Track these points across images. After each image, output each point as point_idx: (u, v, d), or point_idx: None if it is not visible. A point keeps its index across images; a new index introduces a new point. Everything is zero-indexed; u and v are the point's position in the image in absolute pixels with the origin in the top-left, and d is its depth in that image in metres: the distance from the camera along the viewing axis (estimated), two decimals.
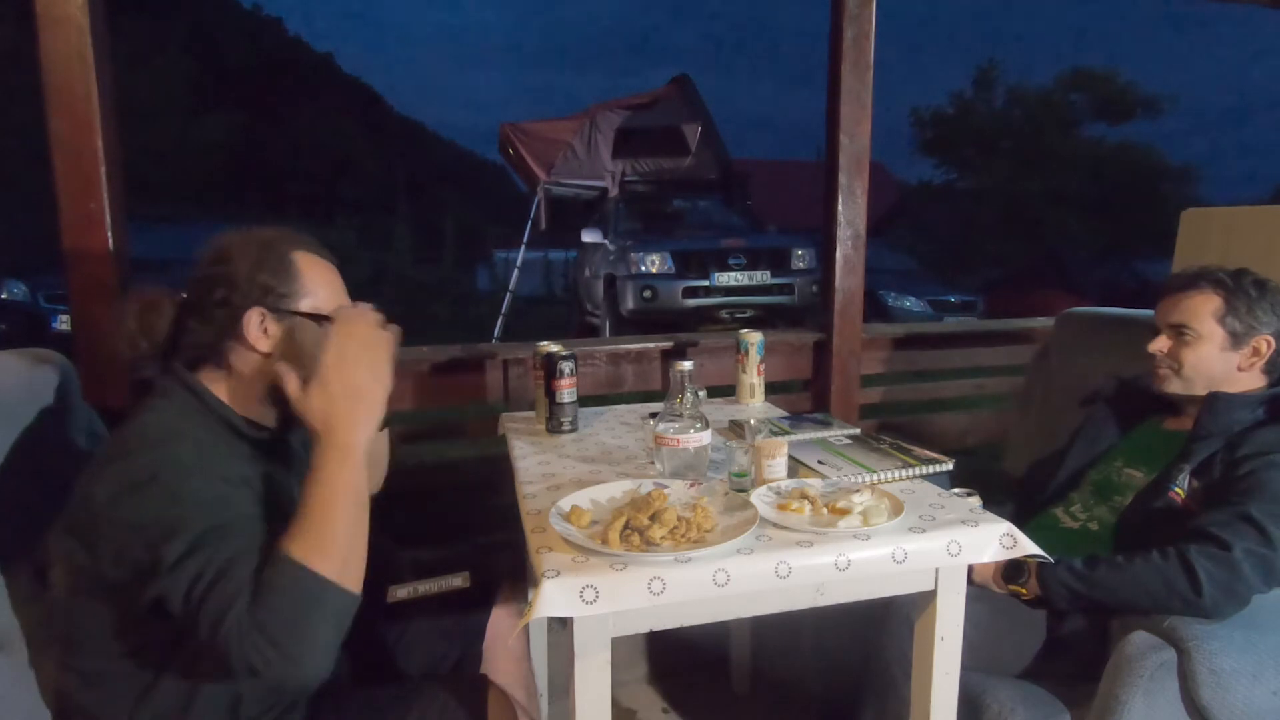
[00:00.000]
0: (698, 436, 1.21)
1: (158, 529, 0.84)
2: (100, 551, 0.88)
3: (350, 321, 0.97)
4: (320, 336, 1.00)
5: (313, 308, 1.02)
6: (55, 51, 1.42)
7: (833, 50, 2.01)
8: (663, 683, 1.98)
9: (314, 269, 1.04)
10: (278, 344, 1.00)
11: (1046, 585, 1.21)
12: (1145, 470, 1.36)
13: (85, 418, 1.26)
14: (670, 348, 2.10)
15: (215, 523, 0.85)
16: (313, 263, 1.04)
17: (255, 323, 0.99)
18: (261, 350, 1.00)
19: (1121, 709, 1.06)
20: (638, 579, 0.89)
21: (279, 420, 1.06)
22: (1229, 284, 1.32)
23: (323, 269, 1.06)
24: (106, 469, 0.89)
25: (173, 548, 0.83)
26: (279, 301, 1.00)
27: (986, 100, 18.34)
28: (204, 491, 0.88)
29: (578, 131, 8.15)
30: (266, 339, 1.00)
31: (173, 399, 0.98)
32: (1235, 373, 1.33)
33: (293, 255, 1.02)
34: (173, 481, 0.87)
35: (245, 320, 0.98)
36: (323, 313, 1.03)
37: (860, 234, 2.10)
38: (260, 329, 0.99)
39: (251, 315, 0.98)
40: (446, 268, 10.70)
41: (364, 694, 1.04)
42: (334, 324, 0.97)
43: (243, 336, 0.98)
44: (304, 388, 0.94)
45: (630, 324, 6.59)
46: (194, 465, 0.89)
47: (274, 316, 1.00)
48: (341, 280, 1.08)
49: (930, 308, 8.52)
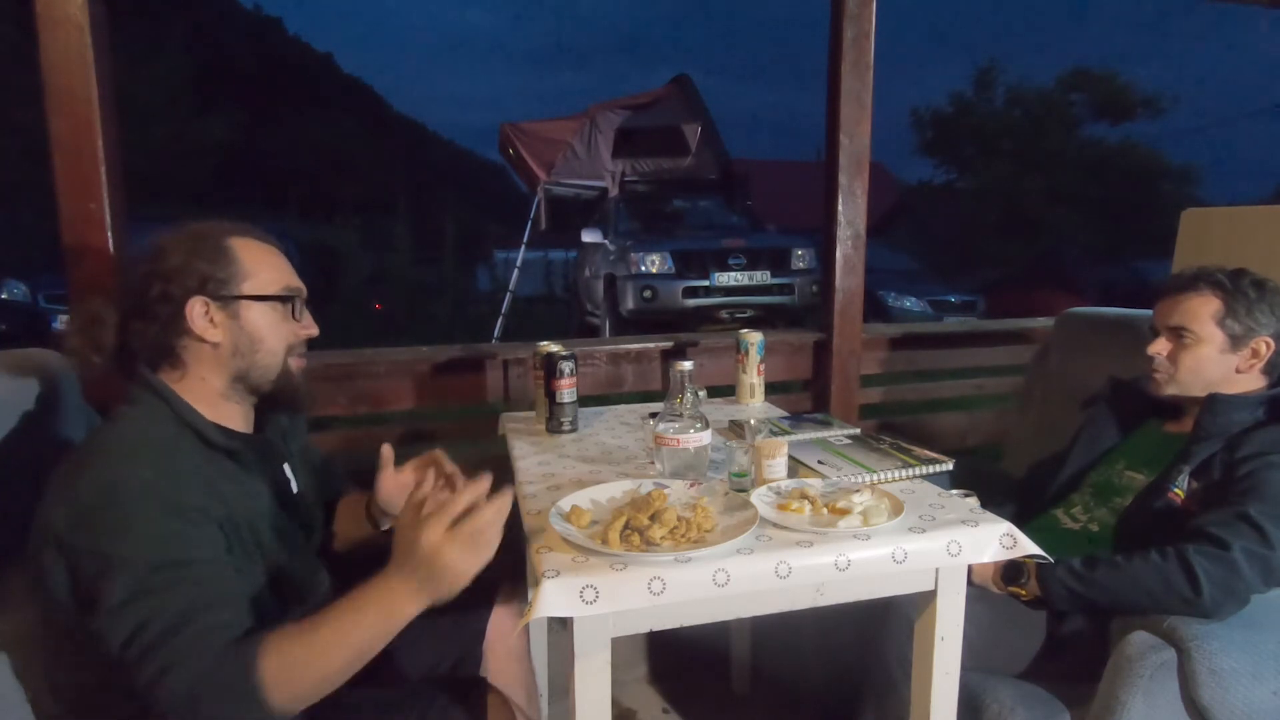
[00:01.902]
0: (698, 436, 1.21)
1: (101, 561, 0.81)
2: (52, 572, 0.85)
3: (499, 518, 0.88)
4: (268, 319, 0.99)
5: (256, 290, 1.00)
6: (55, 51, 1.42)
7: (833, 50, 2.01)
8: (663, 683, 1.98)
9: (252, 251, 1.02)
10: (226, 332, 0.98)
11: (1046, 586, 1.21)
12: (1146, 473, 1.36)
13: (85, 418, 1.26)
14: (670, 348, 2.10)
15: (164, 561, 0.82)
16: (250, 245, 1.02)
17: (199, 312, 0.97)
18: (211, 340, 0.98)
19: (1121, 709, 1.06)
20: (638, 579, 0.89)
21: (251, 418, 1.05)
22: (1228, 285, 1.31)
23: (262, 250, 1.03)
24: (64, 486, 0.86)
25: (116, 586, 0.80)
26: (219, 288, 0.98)
27: (986, 100, 18.33)
28: (157, 524, 0.84)
29: (578, 131, 8.15)
30: (214, 328, 0.98)
31: (142, 405, 0.95)
32: (1234, 375, 1.33)
33: (227, 241, 1.00)
34: (125, 507, 0.83)
35: (188, 311, 0.96)
36: (267, 293, 1.01)
37: (860, 234, 2.10)
38: (205, 319, 0.97)
39: (194, 304, 0.96)
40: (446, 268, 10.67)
41: (363, 695, 1.04)
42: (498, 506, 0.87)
43: (189, 329, 0.97)
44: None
45: (630, 324, 6.59)
46: (149, 491, 0.85)
47: (217, 304, 0.98)
48: (285, 260, 1.06)
49: (930, 308, 8.52)
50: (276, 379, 1.04)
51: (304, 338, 1.07)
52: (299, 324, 1.06)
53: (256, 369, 1.02)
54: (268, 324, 1.01)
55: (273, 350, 1.02)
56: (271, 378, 1.03)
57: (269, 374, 1.03)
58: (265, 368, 1.02)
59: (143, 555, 0.82)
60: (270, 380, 1.03)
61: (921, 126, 18.78)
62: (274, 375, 1.03)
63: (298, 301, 1.05)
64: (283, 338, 1.03)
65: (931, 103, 19.21)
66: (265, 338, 1.01)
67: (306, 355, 1.09)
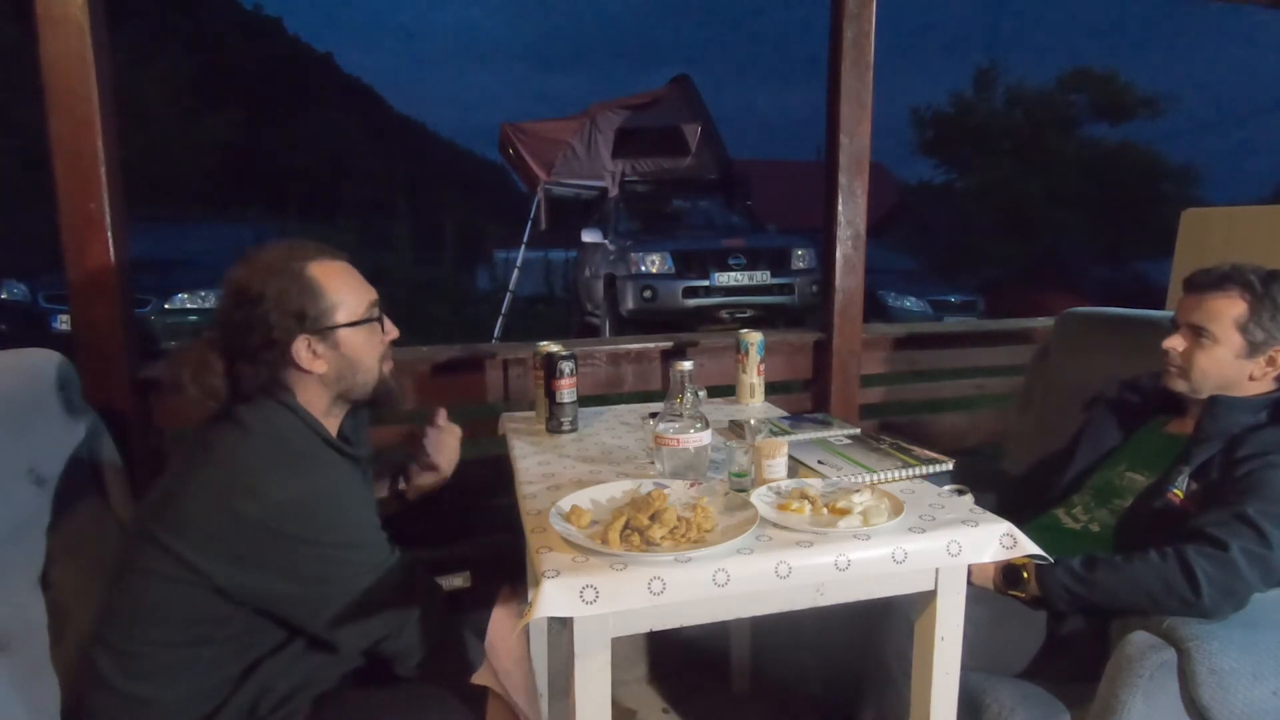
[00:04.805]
0: (698, 436, 1.21)
1: (320, 548, 0.95)
2: (231, 554, 0.93)
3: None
4: (363, 338, 1.07)
5: (349, 316, 1.06)
6: (55, 51, 1.42)
7: (833, 50, 2.01)
8: (663, 683, 1.98)
9: (334, 277, 1.06)
10: (329, 361, 1.05)
11: (1045, 586, 1.21)
12: (1147, 474, 1.36)
13: (85, 418, 1.26)
14: (670, 348, 2.10)
15: (380, 559, 1.00)
16: (330, 270, 1.07)
17: (304, 350, 1.03)
18: (318, 371, 1.04)
19: (1121, 709, 1.06)
20: (638, 579, 0.89)
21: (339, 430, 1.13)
22: (1258, 289, 1.27)
23: (340, 272, 1.08)
24: (258, 482, 0.94)
25: (347, 572, 0.97)
26: (317, 323, 1.03)
27: (986, 100, 18.31)
28: (359, 517, 1.02)
29: (578, 131, 8.15)
30: (318, 360, 1.04)
31: (272, 418, 1.01)
32: (1245, 380, 1.31)
33: (309, 272, 1.04)
34: (330, 504, 0.98)
35: (294, 352, 1.02)
36: (359, 318, 1.07)
37: (860, 234, 2.10)
38: (310, 353, 1.03)
39: (299, 346, 1.02)
40: (446, 268, 10.66)
41: (364, 696, 1.04)
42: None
43: (295, 363, 1.03)
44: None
45: (630, 324, 6.58)
46: (345, 492, 1.01)
47: (317, 338, 1.03)
48: (358, 273, 1.11)
49: (930, 308, 8.50)
50: (375, 388, 1.11)
51: (389, 343, 1.14)
52: (388, 331, 1.13)
53: (357, 386, 1.09)
54: (362, 343, 1.08)
55: (370, 367, 1.09)
56: (370, 389, 1.10)
57: (368, 387, 1.10)
58: (365, 384, 1.10)
59: (360, 542, 0.99)
60: (369, 391, 1.11)
61: (921, 126, 18.76)
62: (373, 386, 1.11)
63: (381, 314, 1.12)
64: (376, 352, 1.10)
65: (931, 103, 19.20)
66: (363, 357, 1.08)
67: (392, 356, 1.16)
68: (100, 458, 1.27)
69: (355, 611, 0.97)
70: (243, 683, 0.99)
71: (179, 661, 0.96)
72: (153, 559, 0.95)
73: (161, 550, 0.94)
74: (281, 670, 1.01)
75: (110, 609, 0.99)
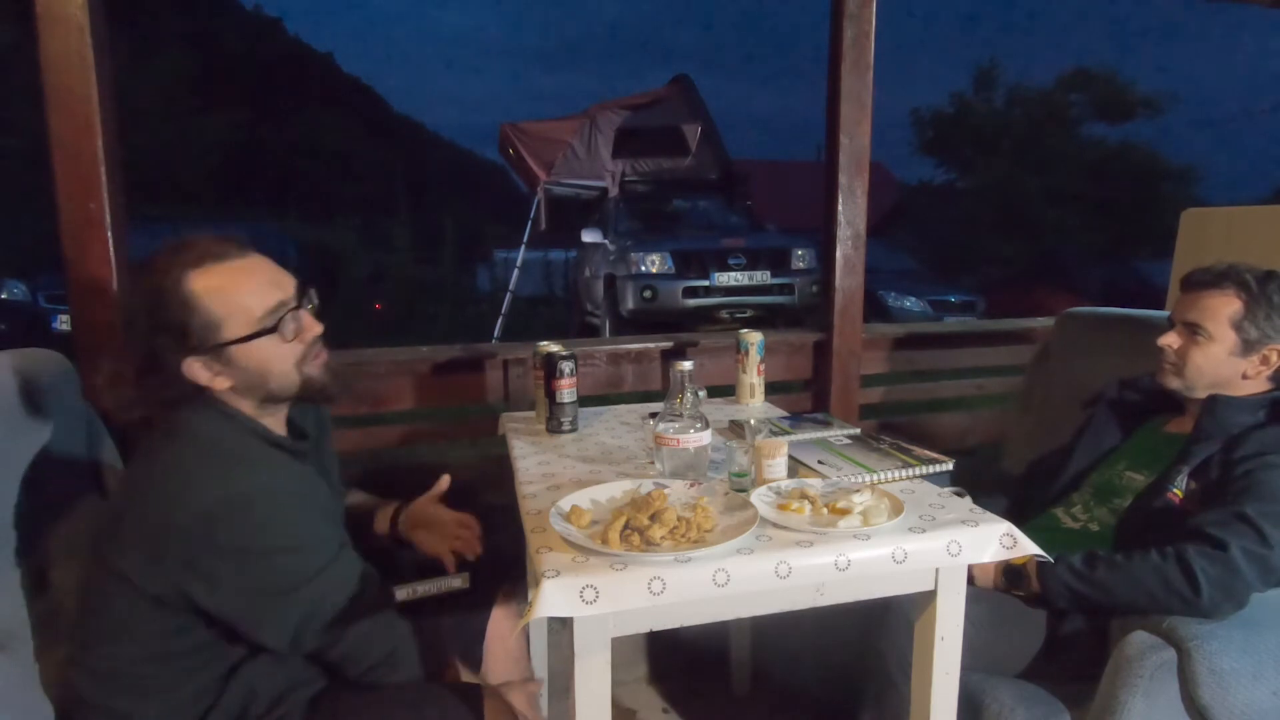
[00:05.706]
0: (698, 436, 1.21)
1: (246, 556, 0.90)
2: (166, 565, 0.90)
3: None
4: (266, 350, 0.97)
5: (238, 332, 0.95)
6: (55, 51, 1.42)
7: (833, 50, 2.01)
8: (663, 683, 1.98)
9: (217, 290, 0.95)
10: (232, 374, 0.97)
11: (1047, 583, 1.21)
12: (1146, 474, 1.36)
13: (85, 418, 1.26)
14: (670, 348, 2.10)
15: (321, 563, 0.95)
16: (214, 280, 0.95)
17: (199, 369, 0.95)
18: (222, 387, 0.98)
19: (1121, 709, 1.06)
20: (638, 579, 0.89)
21: (285, 419, 1.07)
22: (1253, 288, 1.28)
23: (228, 279, 0.96)
24: (168, 500, 0.90)
25: (278, 576, 0.93)
26: (204, 342, 0.95)
27: (986, 100, 18.31)
28: (296, 517, 0.96)
29: (578, 131, 8.15)
30: (219, 376, 0.97)
31: (204, 419, 0.96)
32: (1239, 379, 1.32)
33: (188, 286, 0.94)
34: (262, 508, 0.92)
35: (187, 372, 0.95)
36: (251, 331, 0.96)
37: (860, 234, 2.10)
38: (208, 372, 0.96)
39: (190, 367, 0.95)
40: (446, 268, 10.66)
41: (361, 696, 1.04)
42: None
43: (196, 383, 0.96)
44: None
45: (630, 324, 6.59)
46: (282, 493, 0.95)
47: (209, 357, 0.95)
48: (261, 269, 1.00)
49: (930, 308, 8.51)
50: (300, 389, 1.03)
51: (310, 341, 1.03)
52: (300, 334, 1.02)
53: (276, 391, 1.01)
54: (267, 355, 0.98)
55: (283, 372, 1.01)
56: (294, 391, 1.03)
57: (290, 390, 1.03)
58: (283, 387, 1.02)
59: (297, 545, 0.94)
60: (295, 392, 1.03)
61: (921, 126, 18.75)
62: (295, 390, 1.03)
63: (287, 317, 0.99)
64: (288, 358, 1.00)
65: (931, 103, 19.20)
66: (270, 367, 0.99)
67: (324, 350, 1.06)
68: (100, 458, 1.27)
69: (299, 621, 0.93)
70: (225, 689, 0.97)
71: (151, 675, 0.95)
72: (106, 578, 0.93)
73: (110, 568, 0.92)
74: (263, 673, 0.99)
75: (80, 631, 0.97)
